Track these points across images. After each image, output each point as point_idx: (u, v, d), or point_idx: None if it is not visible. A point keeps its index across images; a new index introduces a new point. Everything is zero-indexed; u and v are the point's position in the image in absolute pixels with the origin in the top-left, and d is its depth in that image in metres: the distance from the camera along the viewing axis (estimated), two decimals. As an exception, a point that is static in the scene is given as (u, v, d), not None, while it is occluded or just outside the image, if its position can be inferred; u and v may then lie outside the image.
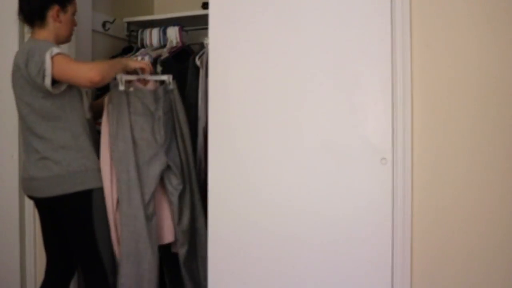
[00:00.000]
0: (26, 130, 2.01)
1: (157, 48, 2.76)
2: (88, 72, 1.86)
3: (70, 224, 2.02)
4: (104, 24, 2.81)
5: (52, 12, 2.02)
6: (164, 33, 2.73)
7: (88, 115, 2.11)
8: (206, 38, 2.49)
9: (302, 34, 2.01)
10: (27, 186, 2.06)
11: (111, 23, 2.31)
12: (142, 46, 2.80)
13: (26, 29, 2.14)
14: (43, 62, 1.85)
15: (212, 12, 2.16)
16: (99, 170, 2.06)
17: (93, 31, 2.70)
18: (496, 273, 1.77)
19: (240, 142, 2.10)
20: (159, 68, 2.60)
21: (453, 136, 1.83)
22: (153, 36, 2.76)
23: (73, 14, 2.13)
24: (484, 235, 1.79)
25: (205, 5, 2.50)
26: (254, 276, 2.07)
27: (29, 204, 2.54)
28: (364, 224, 1.91)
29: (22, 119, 2.02)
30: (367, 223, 1.91)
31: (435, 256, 1.85)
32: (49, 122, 1.97)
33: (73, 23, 2.14)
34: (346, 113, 1.95)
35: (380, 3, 1.89)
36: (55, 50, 1.88)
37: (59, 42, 2.08)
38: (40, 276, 2.50)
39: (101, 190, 2.05)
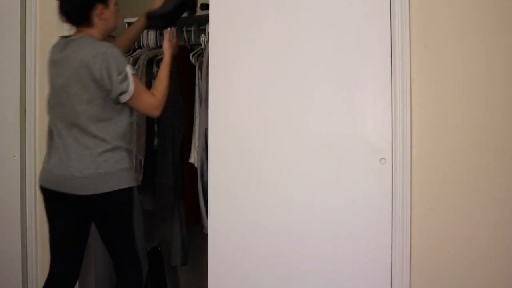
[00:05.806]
0: (73, 127, 1.97)
1: (153, 48, 2.76)
2: (153, 111, 2.06)
3: (112, 221, 2.01)
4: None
5: (96, 11, 2.01)
6: (161, 33, 2.73)
7: (133, 118, 2.17)
8: (203, 35, 2.50)
9: (302, 34, 2.02)
10: (61, 183, 1.99)
11: (112, 23, 2.33)
12: (139, 46, 2.80)
13: (28, 30, 2.12)
14: (126, 77, 1.93)
15: (212, 12, 2.16)
16: (134, 170, 2.11)
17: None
18: (495, 270, 1.79)
19: (240, 142, 2.11)
20: (155, 68, 2.61)
21: (452, 136, 1.84)
22: (149, 36, 2.75)
23: (115, 4, 2.09)
24: (483, 233, 1.80)
25: (203, 6, 2.51)
26: (254, 273, 2.08)
27: (31, 204, 2.54)
28: (363, 223, 1.93)
29: (70, 116, 1.97)
30: (366, 222, 1.92)
31: (434, 254, 1.87)
32: (101, 122, 1.96)
33: (118, 13, 2.11)
34: (345, 113, 1.96)
35: (379, 4, 1.91)
36: (129, 67, 1.96)
37: (106, 35, 2.08)
38: (42, 275, 2.50)
39: (136, 189, 2.06)
